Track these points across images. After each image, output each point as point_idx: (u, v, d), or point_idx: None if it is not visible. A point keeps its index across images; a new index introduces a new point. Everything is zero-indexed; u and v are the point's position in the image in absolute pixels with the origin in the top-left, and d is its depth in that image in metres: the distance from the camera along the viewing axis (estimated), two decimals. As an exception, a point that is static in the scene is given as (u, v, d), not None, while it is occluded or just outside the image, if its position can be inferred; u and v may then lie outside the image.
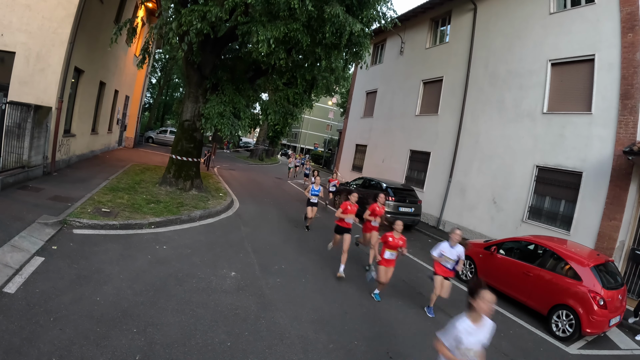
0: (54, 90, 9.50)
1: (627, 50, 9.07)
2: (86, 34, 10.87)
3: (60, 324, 3.76)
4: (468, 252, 8.42)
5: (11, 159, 8.15)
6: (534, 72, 11.41)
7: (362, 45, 10.02)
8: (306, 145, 67.73)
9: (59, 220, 6.41)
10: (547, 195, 10.66)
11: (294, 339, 4.51)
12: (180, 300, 4.80)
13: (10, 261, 4.67)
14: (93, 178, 10.54)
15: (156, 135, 31.19)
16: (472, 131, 13.34)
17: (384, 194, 12.06)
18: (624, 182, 8.75)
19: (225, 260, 6.62)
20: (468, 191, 13.06)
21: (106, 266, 5.31)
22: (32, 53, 9.27)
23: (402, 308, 6.25)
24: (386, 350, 4.73)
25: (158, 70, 44.77)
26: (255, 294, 5.50)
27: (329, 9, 8.34)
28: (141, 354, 3.61)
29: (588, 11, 10.18)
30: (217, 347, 3.98)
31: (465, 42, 14.26)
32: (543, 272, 6.76)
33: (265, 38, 8.32)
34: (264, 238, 8.61)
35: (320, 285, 6.44)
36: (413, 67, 17.44)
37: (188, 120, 11.29)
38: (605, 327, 6.02)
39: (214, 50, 11.14)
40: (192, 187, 11.38)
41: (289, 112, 12.66)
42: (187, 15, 8.45)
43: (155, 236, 7.06)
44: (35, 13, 9.24)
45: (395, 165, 17.35)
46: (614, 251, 8.62)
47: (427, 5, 16.16)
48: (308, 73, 11.95)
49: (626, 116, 8.92)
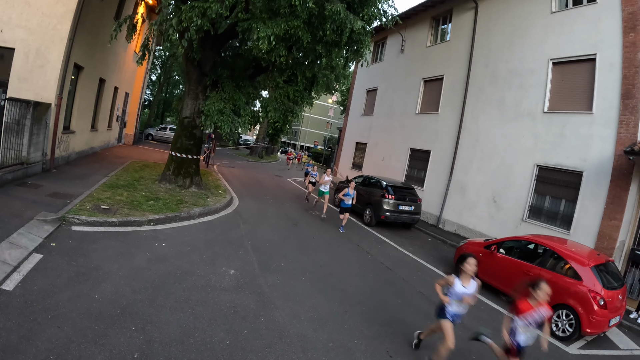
0: (53, 87, 9.46)
1: (629, 49, 9.03)
2: (86, 30, 10.82)
3: (58, 321, 3.74)
4: (467, 251, 8.43)
5: (10, 155, 8.13)
6: (535, 71, 11.38)
7: (363, 43, 9.99)
8: (306, 143, 67.67)
9: (57, 217, 6.39)
10: (547, 195, 10.64)
11: (293, 337, 4.50)
12: (179, 298, 4.78)
13: (9, 258, 4.64)
14: (92, 175, 10.51)
15: (156, 133, 31.14)
16: (473, 130, 13.31)
17: (384, 191, 12.12)
18: (624, 181, 8.74)
19: (224, 258, 6.60)
20: (468, 190, 13.04)
21: (105, 263, 5.28)
22: (31, 49, 9.23)
23: (402, 307, 6.24)
24: (386, 349, 4.71)
25: (158, 67, 44.66)
26: (255, 292, 5.49)
27: (329, 6, 8.31)
28: (139, 352, 3.59)
29: (589, 10, 10.14)
30: (216, 346, 3.97)
31: (466, 41, 14.22)
32: (543, 271, 6.74)
33: (266, 35, 8.28)
34: (264, 236, 8.59)
35: (319, 283, 6.43)
36: (414, 66, 17.39)
37: (188, 117, 11.26)
38: (605, 327, 6.01)
39: (214, 47, 11.10)
40: (192, 184, 11.36)
41: (289, 110, 12.63)
42: (188, 12, 8.41)
43: (154, 233, 7.04)
44: (35, 9, 9.19)
45: (395, 164, 17.32)
46: (614, 251, 8.61)
47: (428, 4, 16.09)
48: (308, 70, 11.92)
49: (627, 116, 8.90)
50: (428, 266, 9.02)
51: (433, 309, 6.33)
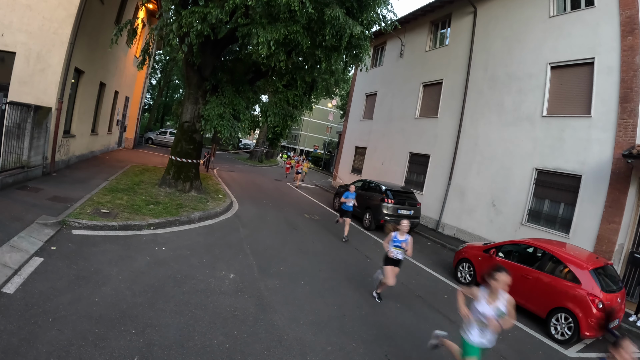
0: (54, 91, 9.51)
1: (627, 53, 9.09)
2: (86, 34, 10.89)
3: (59, 324, 3.75)
4: (467, 255, 8.44)
5: (11, 159, 8.15)
6: (534, 75, 11.44)
7: (362, 48, 10.05)
8: (306, 147, 67.74)
9: (58, 221, 6.40)
10: (546, 198, 10.67)
11: (292, 341, 4.51)
12: (178, 302, 4.79)
13: (9, 261, 4.66)
14: (92, 179, 10.54)
15: (156, 137, 31.20)
16: (472, 134, 13.36)
17: (383, 196, 12.14)
18: (623, 185, 8.77)
19: (224, 262, 6.61)
20: (467, 194, 13.07)
21: (105, 267, 5.30)
22: (32, 53, 9.28)
23: (401, 310, 6.25)
24: (384, 353, 4.72)
25: (158, 72, 44.85)
26: (254, 296, 5.50)
27: (329, 12, 8.37)
28: (139, 355, 3.60)
29: (588, 14, 10.21)
30: (216, 349, 3.98)
31: (465, 45, 14.30)
32: (542, 275, 6.76)
33: (266, 40, 8.34)
34: (263, 240, 8.60)
35: (318, 287, 6.44)
36: (413, 70, 17.47)
37: (188, 121, 11.30)
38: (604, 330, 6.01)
39: (214, 52, 11.16)
40: (192, 188, 11.38)
41: (289, 114, 12.68)
42: (188, 17, 8.47)
43: (154, 237, 7.05)
44: (36, 13, 9.25)
45: (394, 168, 17.35)
46: (613, 254, 8.62)
47: (427, 8, 16.20)
48: (308, 75, 11.98)
49: (625, 119, 8.94)
50: (427, 270, 9.03)
51: (432, 313, 6.37)
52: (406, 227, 6.26)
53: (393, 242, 6.23)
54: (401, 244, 6.21)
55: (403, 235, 6.24)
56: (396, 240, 6.21)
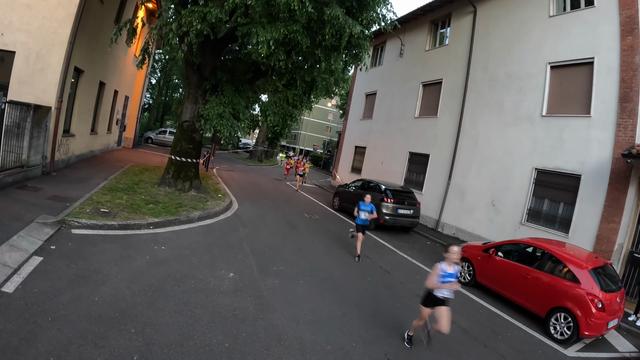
0: (53, 90, 9.50)
1: (626, 53, 9.09)
2: (86, 34, 10.88)
3: (58, 323, 3.76)
4: (466, 254, 8.44)
5: (10, 158, 8.14)
6: (533, 75, 11.44)
7: (362, 47, 10.05)
8: (305, 147, 67.74)
9: (57, 220, 6.40)
10: (545, 198, 10.67)
11: (292, 340, 4.51)
12: (178, 301, 4.79)
13: (9, 260, 4.66)
14: (92, 178, 10.53)
15: (155, 136, 31.17)
16: (471, 134, 13.36)
17: (383, 195, 12.14)
18: (622, 185, 8.77)
19: (223, 261, 6.61)
20: (467, 193, 13.07)
21: (104, 266, 5.30)
22: (32, 53, 9.27)
23: (401, 310, 6.25)
24: (384, 352, 4.72)
25: (158, 71, 44.84)
26: (254, 295, 5.50)
27: (328, 11, 8.36)
28: (139, 354, 3.60)
29: (587, 14, 10.21)
30: (215, 348, 3.98)
31: (465, 45, 14.30)
32: (541, 274, 6.76)
33: (265, 39, 8.33)
34: (263, 239, 8.61)
35: (318, 287, 6.44)
36: (412, 70, 17.46)
37: (187, 121, 11.29)
38: (604, 330, 6.02)
39: (213, 52, 11.16)
40: (191, 187, 11.38)
41: (289, 114, 12.68)
42: (187, 16, 8.46)
43: (153, 237, 7.05)
44: (36, 13, 9.25)
45: (394, 167, 17.36)
46: (613, 254, 8.63)
47: (427, 8, 16.19)
48: (307, 74, 11.97)
49: (625, 119, 8.94)
50: (427, 269, 9.01)
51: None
52: (456, 255, 4.73)
53: (442, 276, 4.65)
54: (452, 280, 4.74)
55: (452, 266, 4.74)
56: (446, 275, 4.66)
